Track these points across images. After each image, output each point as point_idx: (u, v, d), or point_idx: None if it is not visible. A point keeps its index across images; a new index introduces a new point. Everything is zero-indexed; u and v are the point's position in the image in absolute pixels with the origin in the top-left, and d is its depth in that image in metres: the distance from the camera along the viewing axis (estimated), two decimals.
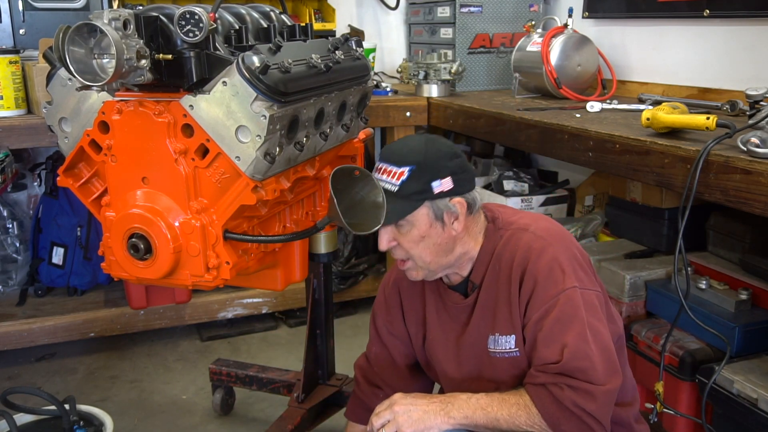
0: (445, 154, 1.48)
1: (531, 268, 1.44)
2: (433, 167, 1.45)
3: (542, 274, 1.43)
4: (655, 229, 2.53)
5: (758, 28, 2.44)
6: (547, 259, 1.44)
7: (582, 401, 1.35)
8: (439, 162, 1.46)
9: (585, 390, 1.36)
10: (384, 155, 1.50)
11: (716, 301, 2.10)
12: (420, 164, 1.44)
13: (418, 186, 1.44)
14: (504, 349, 1.49)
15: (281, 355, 3.09)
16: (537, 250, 1.45)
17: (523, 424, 1.39)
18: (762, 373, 1.88)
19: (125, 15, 1.41)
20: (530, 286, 1.44)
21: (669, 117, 1.89)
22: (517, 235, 1.51)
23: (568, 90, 2.83)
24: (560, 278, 1.42)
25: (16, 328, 2.92)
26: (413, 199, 1.44)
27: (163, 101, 1.54)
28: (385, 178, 1.46)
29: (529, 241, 1.48)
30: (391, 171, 1.45)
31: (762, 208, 1.56)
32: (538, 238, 1.48)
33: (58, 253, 3.24)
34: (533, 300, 1.44)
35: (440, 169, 1.46)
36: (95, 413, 2.04)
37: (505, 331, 1.49)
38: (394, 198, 1.44)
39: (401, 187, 1.44)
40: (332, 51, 1.85)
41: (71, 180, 1.74)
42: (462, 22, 3.32)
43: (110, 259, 1.67)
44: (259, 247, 1.78)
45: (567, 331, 1.39)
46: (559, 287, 1.42)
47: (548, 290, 1.42)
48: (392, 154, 1.48)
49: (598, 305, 1.47)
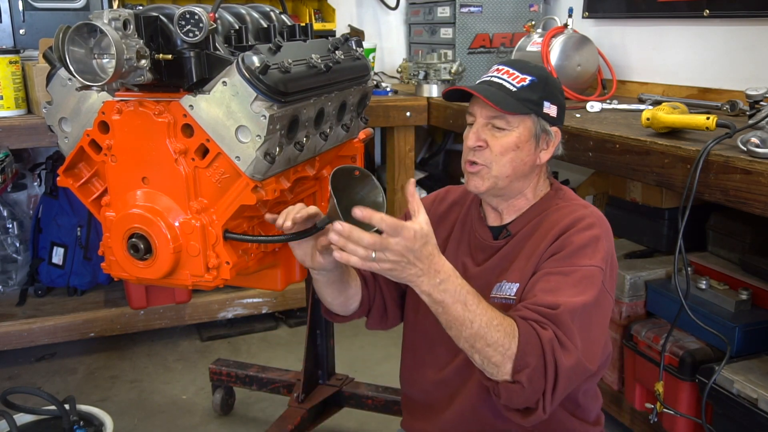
0: (559, 88, 1.55)
1: (571, 233, 1.41)
2: (550, 90, 1.49)
3: (578, 243, 1.39)
4: (655, 229, 2.53)
5: (758, 28, 2.44)
6: (591, 235, 1.41)
7: (559, 351, 1.26)
8: (555, 90, 1.52)
9: (566, 344, 1.27)
10: (507, 62, 1.53)
11: (716, 301, 2.10)
12: (541, 80, 1.48)
13: (533, 96, 1.46)
14: (504, 294, 1.44)
15: (281, 355, 3.09)
16: (586, 224, 1.43)
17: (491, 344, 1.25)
18: (762, 373, 1.88)
19: (125, 15, 1.41)
20: (560, 246, 1.40)
21: (669, 117, 1.89)
22: (574, 207, 1.49)
23: (568, 90, 2.83)
24: (592, 255, 1.38)
25: (16, 328, 2.92)
26: (526, 105, 1.45)
27: (163, 101, 1.54)
28: (506, 77, 1.47)
29: (584, 215, 1.45)
30: (514, 74, 1.47)
31: (762, 208, 1.56)
32: (593, 216, 1.46)
33: (58, 253, 3.24)
34: (557, 258, 1.39)
35: (554, 95, 1.50)
36: (95, 413, 2.04)
37: (513, 278, 1.44)
38: (507, 95, 1.45)
39: (519, 90, 1.45)
40: (332, 51, 1.85)
41: (71, 180, 1.74)
42: (462, 22, 3.32)
43: (110, 259, 1.67)
44: (259, 247, 1.78)
45: (576, 296, 1.33)
46: (589, 261, 1.38)
47: (576, 258, 1.38)
48: (517, 62, 1.52)
49: (608, 309, 1.44)
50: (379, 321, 1.68)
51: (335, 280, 1.52)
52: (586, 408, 1.54)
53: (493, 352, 1.25)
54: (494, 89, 1.46)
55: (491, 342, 1.25)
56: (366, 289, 1.62)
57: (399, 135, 3.15)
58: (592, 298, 1.35)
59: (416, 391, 1.62)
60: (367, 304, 1.63)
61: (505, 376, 1.25)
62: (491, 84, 1.47)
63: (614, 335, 2.37)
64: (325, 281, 1.52)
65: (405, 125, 3.13)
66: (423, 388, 1.59)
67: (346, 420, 2.57)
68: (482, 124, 1.47)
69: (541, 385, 1.25)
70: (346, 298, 1.59)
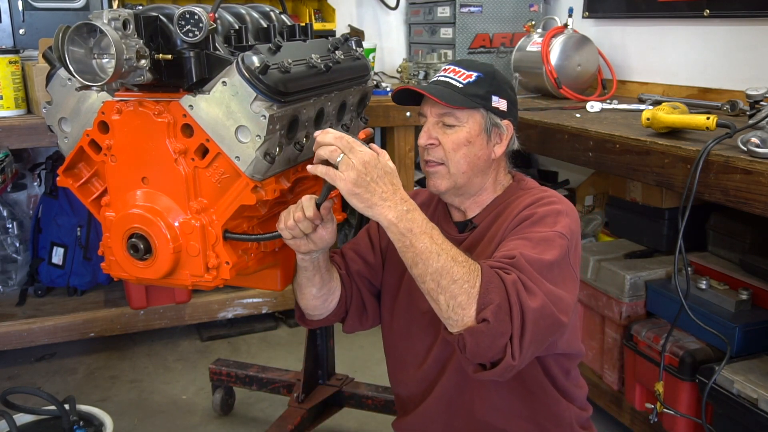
0: (508, 83, 1.57)
1: (533, 207, 1.43)
2: (497, 84, 1.52)
3: (540, 214, 1.40)
4: (655, 229, 2.53)
5: (758, 28, 2.44)
6: (553, 209, 1.41)
7: (523, 293, 1.22)
8: (503, 84, 1.54)
9: (530, 288, 1.23)
10: (455, 61, 1.57)
11: (716, 301, 2.10)
12: (488, 75, 1.51)
13: (480, 91, 1.48)
14: None
15: (281, 355, 3.09)
16: (548, 201, 1.45)
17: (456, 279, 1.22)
18: (762, 373, 1.88)
19: (125, 15, 1.41)
20: (522, 219, 1.41)
21: (669, 117, 1.89)
22: (535, 191, 1.52)
23: (568, 90, 2.83)
24: (554, 224, 1.38)
25: (16, 328, 2.92)
26: (473, 100, 1.48)
27: (162, 101, 1.54)
28: (453, 76, 1.51)
29: (545, 195, 1.48)
30: (460, 72, 1.51)
31: (762, 208, 1.56)
32: (556, 198, 1.48)
33: (58, 253, 3.24)
34: (518, 229, 1.39)
35: (502, 90, 1.52)
36: (95, 413, 2.04)
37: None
38: (454, 91, 1.48)
39: (466, 86, 1.49)
40: (332, 51, 1.85)
41: (71, 180, 1.74)
42: (462, 22, 3.32)
43: (110, 259, 1.67)
44: (259, 247, 1.78)
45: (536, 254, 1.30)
46: (550, 228, 1.36)
47: (537, 225, 1.37)
48: (464, 61, 1.56)
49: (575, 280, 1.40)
50: (359, 320, 1.69)
51: (321, 266, 1.54)
52: (573, 395, 1.56)
53: (458, 290, 1.22)
54: (441, 87, 1.50)
55: (456, 278, 1.22)
56: (344, 288, 1.64)
57: (399, 135, 3.15)
58: (555, 257, 1.32)
59: (402, 389, 1.65)
60: (344, 302, 1.64)
61: (470, 320, 1.21)
62: (439, 83, 1.52)
63: (614, 335, 2.37)
64: (312, 268, 1.54)
65: (405, 125, 3.13)
66: (407, 386, 1.62)
67: (346, 420, 2.57)
68: (433, 122, 1.51)
69: (507, 327, 1.20)
70: (329, 291, 1.60)
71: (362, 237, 1.73)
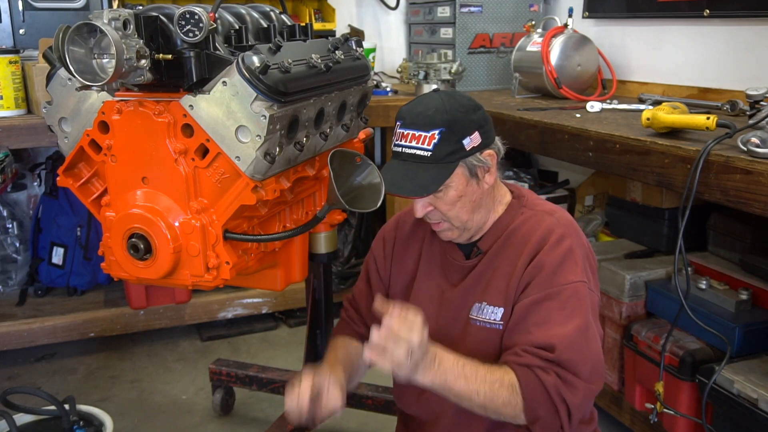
0: (468, 107, 1.45)
1: (546, 251, 1.42)
2: (461, 125, 1.41)
3: (555, 260, 1.41)
4: (655, 229, 2.53)
5: (758, 28, 2.44)
6: (565, 248, 1.42)
7: (566, 392, 1.32)
8: (466, 117, 1.43)
9: (571, 382, 1.33)
10: (407, 120, 1.43)
11: (716, 301, 2.10)
12: (449, 124, 1.40)
13: (450, 147, 1.40)
14: (488, 319, 1.45)
15: (281, 355, 3.09)
16: (557, 236, 1.43)
17: (501, 405, 1.33)
18: (762, 373, 1.88)
19: (125, 15, 1.41)
20: (538, 267, 1.41)
21: (669, 117, 1.89)
22: (540, 216, 1.49)
23: (568, 90, 2.83)
24: (572, 269, 1.40)
25: (16, 328, 2.92)
26: (448, 161, 1.40)
27: (163, 101, 1.54)
28: (414, 144, 1.41)
29: (551, 225, 1.46)
30: (420, 136, 1.40)
31: (762, 208, 1.56)
32: (561, 226, 1.46)
33: (58, 253, 3.24)
34: (537, 281, 1.41)
35: (468, 125, 1.42)
36: (95, 413, 2.04)
37: (495, 302, 1.45)
38: (427, 164, 1.40)
39: (434, 151, 1.39)
40: (332, 51, 1.85)
41: (71, 180, 1.74)
42: (462, 22, 3.32)
43: (110, 259, 1.67)
44: (259, 247, 1.78)
45: (567, 322, 1.36)
46: (569, 278, 1.40)
47: (557, 277, 1.40)
48: (416, 117, 1.42)
49: (596, 310, 1.47)
50: None
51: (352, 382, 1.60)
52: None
53: (505, 409, 1.34)
54: (409, 166, 1.42)
55: (500, 403, 1.33)
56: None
57: None
58: (584, 318, 1.39)
59: (404, 404, 1.65)
60: None
61: (522, 422, 1.35)
62: (406, 158, 1.42)
63: (614, 335, 2.36)
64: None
65: None
66: (408, 403, 1.62)
67: (346, 420, 2.57)
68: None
69: (556, 425, 1.34)
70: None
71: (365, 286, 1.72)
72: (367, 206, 1.50)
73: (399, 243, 1.66)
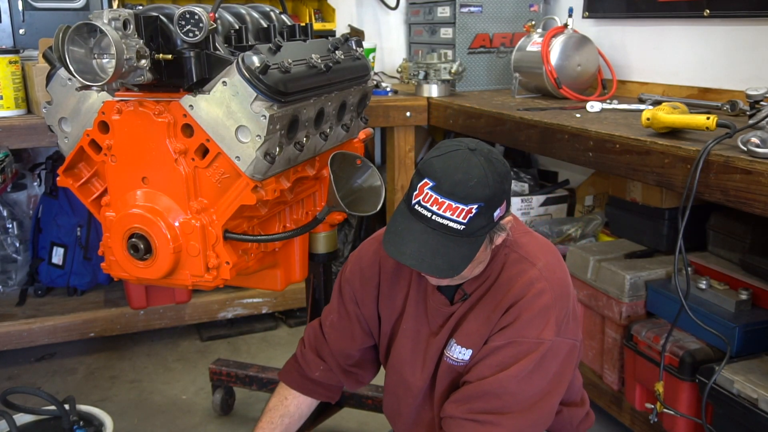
0: (504, 175, 1.33)
1: (521, 304, 1.39)
2: (497, 197, 1.31)
3: (528, 315, 1.38)
4: (655, 229, 2.53)
5: (758, 28, 2.44)
6: (541, 303, 1.39)
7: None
8: (501, 188, 1.32)
9: (490, 422, 1.36)
10: (443, 186, 1.28)
11: (716, 301, 2.10)
12: (488, 200, 1.29)
13: (483, 221, 1.30)
14: (456, 357, 1.46)
15: (281, 355, 3.09)
16: (536, 290, 1.39)
17: None
18: (762, 373, 1.88)
19: (125, 15, 1.41)
20: (512, 318, 1.39)
21: (669, 117, 1.89)
22: (524, 265, 1.43)
23: (568, 90, 2.83)
24: (542, 326, 1.38)
25: (16, 328, 2.92)
26: (478, 235, 1.31)
27: (163, 101, 1.54)
28: (449, 215, 1.28)
29: (533, 278, 1.41)
30: (457, 209, 1.27)
31: (762, 208, 1.56)
32: (542, 279, 1.41)
33: (58, 253, 3.24)
34: (507, 330, 1.40)
35: (501, 196, 1.32)
36: (95, 413, 2.04)
37: (465, 343, 1.45)
38: (457, 238, 1.29)
39: (468, 225, 1.28)
40: (332, 51, 1.85)
41: (71, 180, 1.74)
42: (462, 22, 3.32)
43: (110, 259, 1.67)
44: (259, 247, 1.78)
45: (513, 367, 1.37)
46: (536, 333, 1.38)
47: (525, 330, 1.38)
48: (456, 186, 1.27)
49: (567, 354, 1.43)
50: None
51: None
52: (570, 391, 1.56)
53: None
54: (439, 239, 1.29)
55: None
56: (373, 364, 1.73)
57: (399, 135, 3.15)
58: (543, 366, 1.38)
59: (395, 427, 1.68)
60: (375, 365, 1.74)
61: None
62: (434, 227, 1.29)
63: (614, 335, 2.37)
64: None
65: (405, 125, 3.13)
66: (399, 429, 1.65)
67: (346, 420, 2.57)
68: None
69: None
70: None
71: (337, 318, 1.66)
72: (366, 209, 1.49)
73: (385, 282, 1.59)
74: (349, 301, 1.62)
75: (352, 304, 1.62)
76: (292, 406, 1.71)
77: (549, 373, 1.39)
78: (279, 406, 1.71)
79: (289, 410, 1.71)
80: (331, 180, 1.48)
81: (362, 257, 1.61)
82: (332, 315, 1.66)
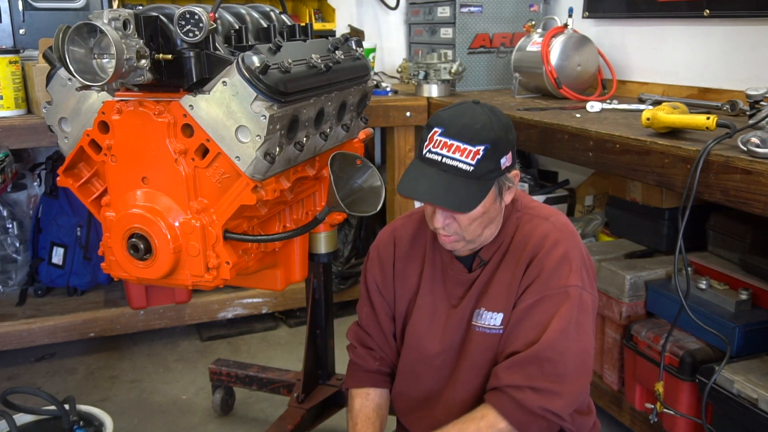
0: (507, 126, 1.42)
1: (541, 257, 1.44)
2: (503, 143, 1.38)
3: (550, 265, 1.43)
4: (655, 229, 2.53)
5: (758, 28, 2.44)
6: (560, 252, 1.44)
7: (547, 402, 1.36)
8: (506, 136, 1.40)
9: (549, 390, 1.36)
10: (450, 129, 1.37)
11: (716, 301, 2.10)
12: (494, 142, 1.36)
13: (491, 165, 1.37)
14: (488, 324, 1.47)
15: (281, 355, 3.09)
16: (552, 241, 1.45)
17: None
18: (762, 373, 1.88)
19: (125, 15, 1.41)
20: (535, 272, 1.44)
21: (669, 117, 1.89)
22: (536, 221, 1.50)
23: (568, 90, 2.83)
24: (566, 274, 1.42)
25: (16, 328, 2.92)
26: (487, 179, 1.37)
27: (163, 101, 1.54)
28: (458, 156, 1.35)
29: (547, 230, 1.47)
30: (465, 149, 1.35)
31: (762, 208, 1.56)
32: (556, 230, 1.47)
33: (58, 253, 3.24)
34: (533, 286, 1.43)
35: (507, 144, 1.40)
36: (95, 413, 2.04)
37: (494, 307, 1.47)
38: (468, 179, 1.36)
39: (477, 166, 1.35)
40: (332, 51, 1.85)
41: (71, 180, 1.74)
42: (462, 22, 3.32)
43: (110, 259, 1.67)
44: (259, 247, 1.78)
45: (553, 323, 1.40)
46: (563, 282, 1.42)
47: (551, 281, 1.42)
48: (462, 129, 1.36)
49: (592, 310, 1.47)
50: None
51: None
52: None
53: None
54: (450, 178, 1.36)
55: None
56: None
57: (399, 135, 3.15)
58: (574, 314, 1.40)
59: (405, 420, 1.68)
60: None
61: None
62: (446, 169, 1.36)
63: (614, 335, 2.37)
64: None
65: (405, 125, 3.13)
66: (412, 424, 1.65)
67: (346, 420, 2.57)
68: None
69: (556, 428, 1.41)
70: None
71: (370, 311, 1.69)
72: (367, 209, 1.50)
73: (399, 261, 1.64)
74: (374, 291, 1.67)
75: (376, 294, 1.67)
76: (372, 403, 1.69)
77: (584, 326, 1.42)
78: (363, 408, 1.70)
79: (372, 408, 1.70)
80: (331, 180, 1.48)
81: (378, 244, 1.68)
82: (365, 307, 1.71)
